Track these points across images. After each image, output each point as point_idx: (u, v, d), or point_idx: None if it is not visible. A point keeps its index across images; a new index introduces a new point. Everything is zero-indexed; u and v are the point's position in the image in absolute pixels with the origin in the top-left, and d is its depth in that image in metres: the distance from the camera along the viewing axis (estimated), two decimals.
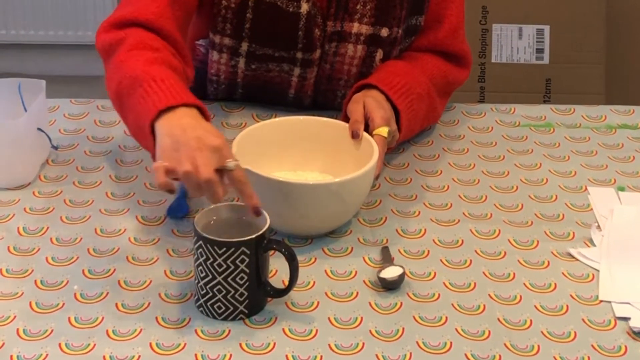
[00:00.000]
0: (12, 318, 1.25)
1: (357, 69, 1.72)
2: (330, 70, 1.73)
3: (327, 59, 1.71)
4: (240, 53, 1.69)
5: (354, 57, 1.70)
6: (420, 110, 1.67)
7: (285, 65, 1.71)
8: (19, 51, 3.89)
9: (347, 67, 1.72)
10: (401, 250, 1.41)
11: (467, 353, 1.21)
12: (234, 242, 1.22)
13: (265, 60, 1.70)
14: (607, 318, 1.28)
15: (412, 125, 1.65)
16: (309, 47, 1.68)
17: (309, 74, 1.72)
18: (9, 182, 1.54)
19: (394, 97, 1.60)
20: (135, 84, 1.40)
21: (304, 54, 1.69)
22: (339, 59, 1.71)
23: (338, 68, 1.72)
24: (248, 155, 1.42)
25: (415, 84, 1.66)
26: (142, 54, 1.47)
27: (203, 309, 1.26)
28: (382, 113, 1.55)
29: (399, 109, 1.60)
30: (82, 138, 1.70)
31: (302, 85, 1.74)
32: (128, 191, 1.54)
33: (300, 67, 1.71)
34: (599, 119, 1.83)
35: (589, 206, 1.54)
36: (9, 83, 1.62)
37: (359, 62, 1.71)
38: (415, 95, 1.64)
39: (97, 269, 1.35)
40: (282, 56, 1.69)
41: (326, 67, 1.72)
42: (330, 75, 1.73)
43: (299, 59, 1.69)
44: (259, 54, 1.69)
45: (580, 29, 2.89)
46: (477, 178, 1.61)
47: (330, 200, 1.39)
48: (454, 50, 1.77)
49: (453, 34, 1.75)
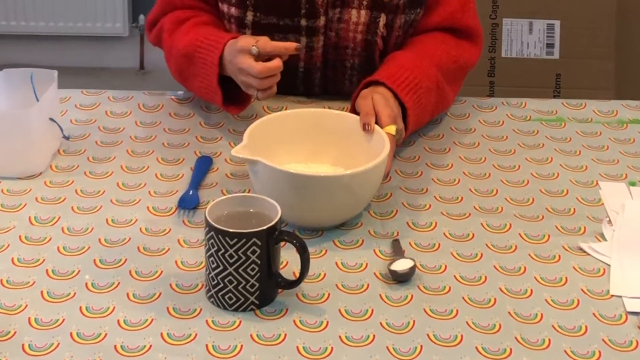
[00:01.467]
0: (23, 307, 1.25)
1: (362, 36, 1.73)
2: (336, 39, 1.74)
3: (331, 26, 1.73)
4: (246, 24, 1.72)
5: (358, 23, 1.72)
6: (428, 104, 1.67)
7: (291, 36, 1.72)
8: (30, 42, 3.89)
9: (352, 34, 1.73)
10: (412, 243, 1.41)
11: (477, 346, 1.21)
12: (246, 233, 1.22)
13: (271, 30, 1.71)
14: (618, 312, 1.28)
15: (420, 119, 1.66)
16: (312, 13, 1.70)
17: (316, 43, 1.74)
18: (20, 172, 1.54)
19: (401, 94, 1.61)
20: (187, 60, 1.70)
21: (308, 20, 1.71)
22: (344, 26, 1.72)
23: (343, 35, 1.73)
24: (259, 147, 1.42)
25: (423, 78, 1.66)
26: (179, 29, 1.74)
27: (214, 300, 1.26)
28: (388, 111, 1.54)
29: (407, 106, 1.60)
30: (94, 128, 1.70)
31: (310, 56, 1.76)
32: (139, 182, 1.54)
33: (306, 36, 1.73)
34: (610, 113, 1.83)
35: (600, 201, 1.54)
36: (21, 73, 1.62)
37: (364, 29, 1.72)
38: (424, 90, 1.65)
39: (108, 259, 1.35)
40: (286, 25, 1.71)
41: (332, 35, 1.74)
42: (336, 43, 1.75)
43: (303, 27, 1.72)
44: (264, 23, 1.71)
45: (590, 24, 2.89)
46: (488, 172, 1.61)
47: (341, 193, 1.39)
48: (464, 25, 1.78)
49: (462, 7, 1.76)
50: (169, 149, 1.65)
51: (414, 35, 1.78)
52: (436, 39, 1.76)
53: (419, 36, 1.78)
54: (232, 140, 1.67)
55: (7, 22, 3.83)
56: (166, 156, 1.62)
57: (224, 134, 1.70)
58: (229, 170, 1.58)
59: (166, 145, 1.66)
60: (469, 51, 1.79)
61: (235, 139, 1.67)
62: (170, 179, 1.55)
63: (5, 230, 1.41)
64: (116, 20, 3.84)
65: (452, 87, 1.77)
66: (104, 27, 3.86)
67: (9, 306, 1.25)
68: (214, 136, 1.69)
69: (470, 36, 1.79)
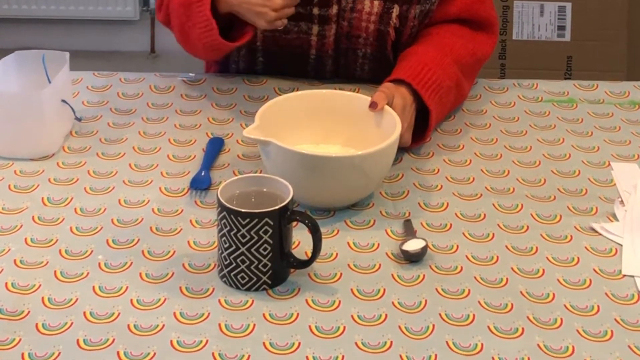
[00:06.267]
0: (37, 287, 1.26)
1: (374, 26, 1.72)
2: (349, 28, 1.73)
3: (344, 15, 1.72)
4: None
5: (371, 13, 1.71)
6: (448, 102, 1.67)
7: (304, 24, 1.72)
8: (41, 26, 3.90)
9: (365, 24, 1.72)
10: (423, 223, 1.41)
11: (489, 325, 1.21)
12: (258, 213, 1.22)
13: None
14: (630, 292, 1.28)
15: (439, 118, 1.66)
16: (325, 1, 1.70)
17: (328, 31, 1.73)
18: (33, 153, 1.55)
19: (425, 95, 1.59)
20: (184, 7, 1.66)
21: (321, 9, 1.70)
22: (356, 15, 1.72)
23: (356, 25, 1.72)
24: (271, 128, 1.43)
25: (445, 77, 1.64)
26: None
27: (226, 280, 1.27)
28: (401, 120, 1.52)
29: (430, 108, 1.59)
30: (106, 110, 1.71)
31: (322, 44, 1.75)
32: (151, 162, 1.55)
33: (319, 25, 1.72)
34: (622, 94, 1.83)
35: (612, 181, 1.54)
36: (33, 55, 1.63)
37: (376, 19, 1.71)
38: (445, 89, 1.64)
39: (121, 239, 1.36)
40: (299, 13, 1.69)
41: (344, 25, 1.73)
42: (349, 32, 1.74)
43: (315, 15, 1.71)
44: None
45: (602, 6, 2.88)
46: (500, 153, 1.61)
47: (353, 173, 1.39)
48: (482, 17, 1.76)
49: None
50: (181, 130, 1.65)
51: (430, 26, 1.76)
52: (454, 32, 1.74)
53: (436, 28, 1.75)
54: (244, 122, 1.67)
55: (18, 5, 3.83)
56: (178, 137, 1.62)
57: (235, 115, 1.70)
58: (240, 151, 1.59)
59: (178, 126, 1.66)
60: (486, 43, 1.77)
61: (247, 120, 1.67)
62: (182, 160, 1.56)
63: (18, 211, 1.42)
64: (127, 3, 3.84)
65: (469, 80, 1.76)
66: (115, 10, 3.86)
67: (22, 286, 1.26)
68: (225, 117, 1.69)
69: (486, 27, 1.78)
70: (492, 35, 1.79)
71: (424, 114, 1.60)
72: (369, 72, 1.78)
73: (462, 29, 1.75)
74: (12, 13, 3.85)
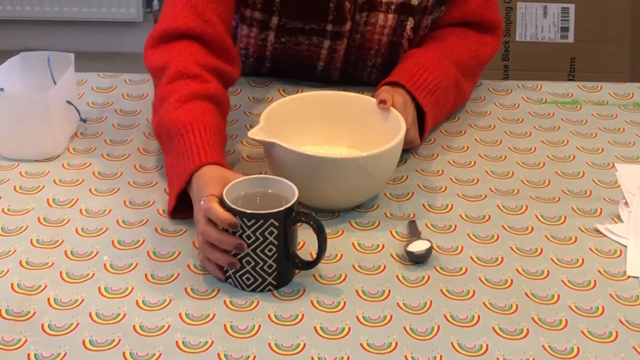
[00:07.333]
0: (43, 287, 1.26)
1: (387, 38, 1.71)
2: (361, 40, 1.72)
3: (357, 29, 1.70)
4: (270, 27, 1.69)
5: (385, 27, 1.69)
6: (447, 103, 1.67)
7: (315, 38, 1.70)
8: (44, 28, 3.90)
9: (378, 37, 1.71)
10: (428, 225, 1.41)
11: (494, 326, 1.21)
12: (263, 214, 1.22)
13: (295, 33, 1.69)
14: (634, 293, 1.28)
15: (437, 119, 1.66)
16: (340, 19, 1.67)
17: (339, 45, 1.72)
18: (38, 154, 1.55)
19: (419, 96, 1.59)
20: (171, 132, 1.42)
21: (334, 26, 1.68)
22: (370, 29, 1.70)
23: (369, 37, 1.71)
24: (276, 130, 1.43)
25: (442, 78, 1.64)
26: (181, 87, 1.47)
27: (232, 280, 1.27)
28: (404, 117, 1.51)
29: (425, 110, 1.59)
30: (110, 111, 1.71)
31: (331, 57, 1.74)
32: (156, 164, 1.55)
33: (330, 40, 1.71)
34: (626, 96, 1.83)
35: (616, 183, 1.54)
36: (39, 56, 1.63)
37: (390, 32, 1.70)
38: (442, 90, 1.63)
39: (126, 240, 1.36)
40: (312, 29, 1.68)
41: (357, 37, 1.72)
42: (360, 45, 1.73)
43: (329, 32, 1.69)
44: (289, 27, 1.68)
45: (605, 7, 2.87)
46: (504, 154, 1.61)
47: (357, 175, 1.39)
48: (487, 20, 1.76)
49: (487, 2, 1.74)
50: None
51: (435, 29, 1.76)
52: (458, 35, 1.74)
53: (440, 31, 1.75)
54: (249, 123, 1.67)
55: (22, 7, 3.84)
56: None
57: (240, 117, 1.70)
58: (245, 152, 1.59)
59: None
60: (490, 45, 1.77)
61: (252, 121, 1.67)
62: None
63: (24, 212, 1.42)
64: (130, 5, 3.85)
65: (471, 81, 1.76)
66: (118, 12, 3.86)
67: (28, 287, 1.26)
68: (230, 118, 1.69)
69: (491, 29, 1.77)
70: (497, 38, 1.78)
71: (422, 115, 1.60)
72: (375, 80, 1.77)
73: (466, 32, 1.75)
74: (16, 15, 3.85)
